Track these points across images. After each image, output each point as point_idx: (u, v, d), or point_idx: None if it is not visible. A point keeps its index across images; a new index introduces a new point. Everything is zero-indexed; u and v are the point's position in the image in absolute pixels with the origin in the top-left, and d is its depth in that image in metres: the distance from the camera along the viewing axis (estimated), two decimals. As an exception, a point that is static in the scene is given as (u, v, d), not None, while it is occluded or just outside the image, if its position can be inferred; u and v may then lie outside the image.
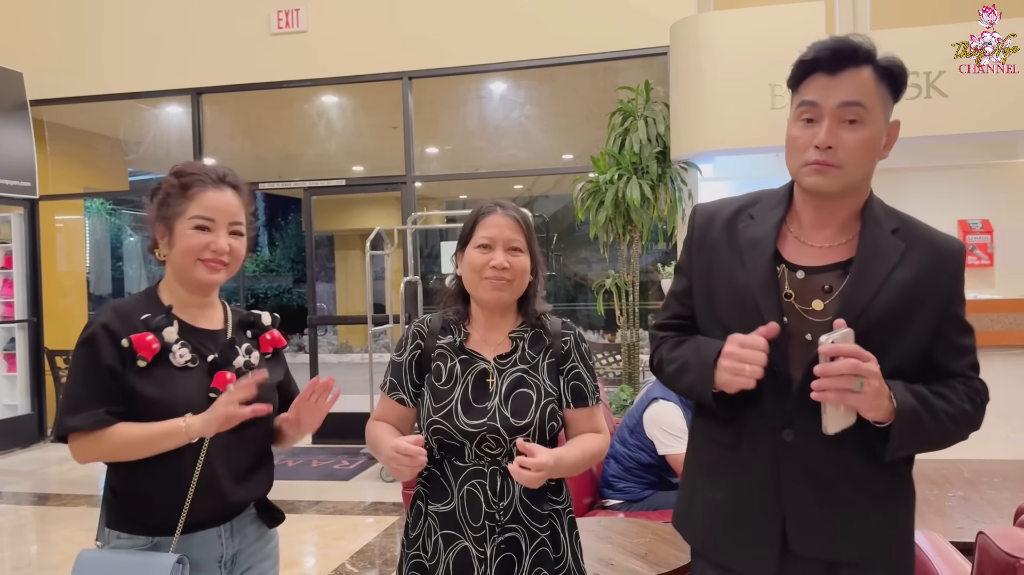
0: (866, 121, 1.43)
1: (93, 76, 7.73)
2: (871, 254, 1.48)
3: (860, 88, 1.42)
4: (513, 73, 7.63)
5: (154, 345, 1.67)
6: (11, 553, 4.76)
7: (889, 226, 1.51)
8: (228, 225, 1.75)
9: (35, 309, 7.91)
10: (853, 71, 1.42)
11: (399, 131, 7.36)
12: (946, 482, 3.30)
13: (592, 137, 7.15)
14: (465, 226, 1.85)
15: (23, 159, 7.61)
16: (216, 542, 1.74)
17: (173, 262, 1.75)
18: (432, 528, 1.76)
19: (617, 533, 2.58)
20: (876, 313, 1.45)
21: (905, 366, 1.48)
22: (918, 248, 1.50)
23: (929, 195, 5.96)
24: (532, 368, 1.79)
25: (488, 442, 1.72)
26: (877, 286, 1.46)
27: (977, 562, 1.90)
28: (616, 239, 6.24)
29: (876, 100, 1.43)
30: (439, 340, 1.83)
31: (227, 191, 1.77)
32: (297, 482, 6.05)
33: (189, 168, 1.78)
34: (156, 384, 1.66)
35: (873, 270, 1.47)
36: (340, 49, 7.22)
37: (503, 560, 1.71)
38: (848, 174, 1.44)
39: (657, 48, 6.43)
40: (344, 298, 16.57)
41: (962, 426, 1.50)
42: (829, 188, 1.46)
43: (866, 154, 1.45)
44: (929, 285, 1.48)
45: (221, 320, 1.84)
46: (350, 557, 4.37)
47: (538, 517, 1.74)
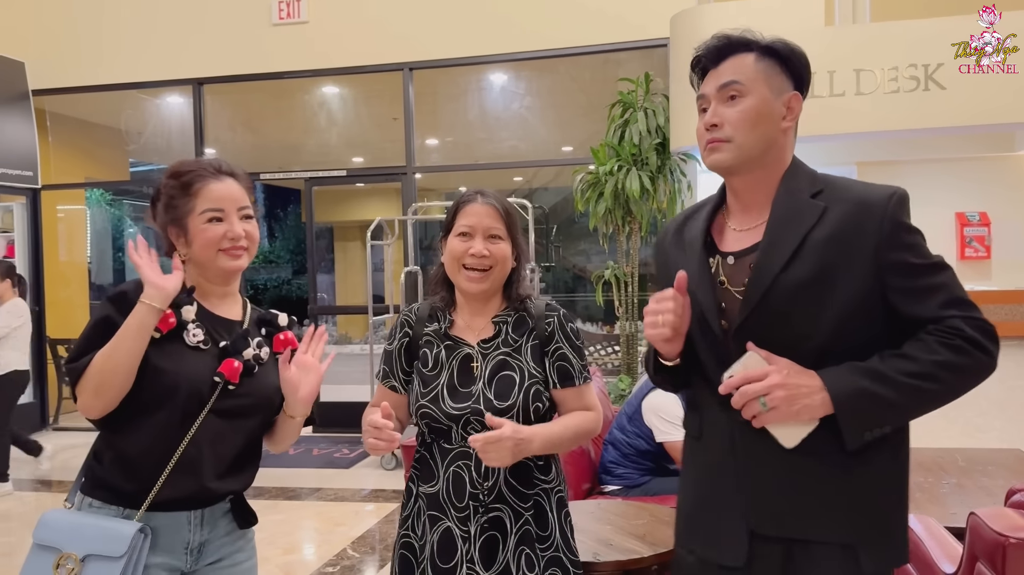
0: (745, 94, 1.50)
1: (95, 66, 7.75)
2: (781, 221, 1.49)
3: (737, 69, 1.51)
4: (513, 65, 7.65)
5: (170, 319, 1.70)
6: (17, 538, 4.80)
7: (810, 190, 1.50)
8: (237, 211, 1.78)
9: (37, 298, 7.93)
10: (732, 59, 1.52)
11: (399, 122, 7.38)
12: (941, 470, 3.34)
13: (592, 129, 7.17)
14: (448, 215, 1.88)
15: (25, 149, 7.63)
16: (184, 527, 1.73)
17: (195, 259, 1.77)
18: (421, 509, 1.81)
19: (616, 515, 2.61)
20: (793, 280, 1.44)
21: (851, 330, 1.43)
22: (839, 205, 1.47)
23: (927, 188, 6.00)
24: (515, 351, 1.82)
25: (473, 424, 1.75)
26: (790, 252, 1.45)
27: (968, 542, 1.94)
28: (615, 230, 6.28)
29: (756, 75, 1.50)
30: (426, 327, 1.87)
31: (227, 180, 1.79)
32: (298, 470, 6.10)
33: (184, 166, 1.79)
34: (166, 356, 1.69)
35: (783, 237, 1.47)
36: (341, 40, 7.24)
37: (487, 539, 1.74)
38: (740, 145, 1.50)
39: (657, 40, 6.45)
40: (343, 289, 16.60)
41: (948, 378, 1.39)
42: (725, 162, 1.51)
43: (750, 122, 1.49)
44: (852, 239, 1.44)
45: (240, 312, 1.87)
46: (351, 543, 4.42)
47: (523, 497, 1.77)
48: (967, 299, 1.43)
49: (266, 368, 1.81)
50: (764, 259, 1.47)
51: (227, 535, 1.81)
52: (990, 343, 1.40)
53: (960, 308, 1.41)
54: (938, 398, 1.41)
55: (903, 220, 1.46)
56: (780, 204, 1.51)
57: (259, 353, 1.80)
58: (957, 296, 1.43)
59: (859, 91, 5.09)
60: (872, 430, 1.41)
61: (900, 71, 5.12)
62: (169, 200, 1.77)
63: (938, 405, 1.43)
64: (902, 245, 1.44)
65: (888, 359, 1.41)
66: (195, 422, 1.70)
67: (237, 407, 1.74)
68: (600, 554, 2.22)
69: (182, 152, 7.95)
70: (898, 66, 5.12)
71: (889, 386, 1.38)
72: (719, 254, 1.57)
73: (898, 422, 1.45)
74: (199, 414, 1.70)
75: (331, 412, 7.39)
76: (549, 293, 12.17)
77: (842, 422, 1.39)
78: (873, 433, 1.41)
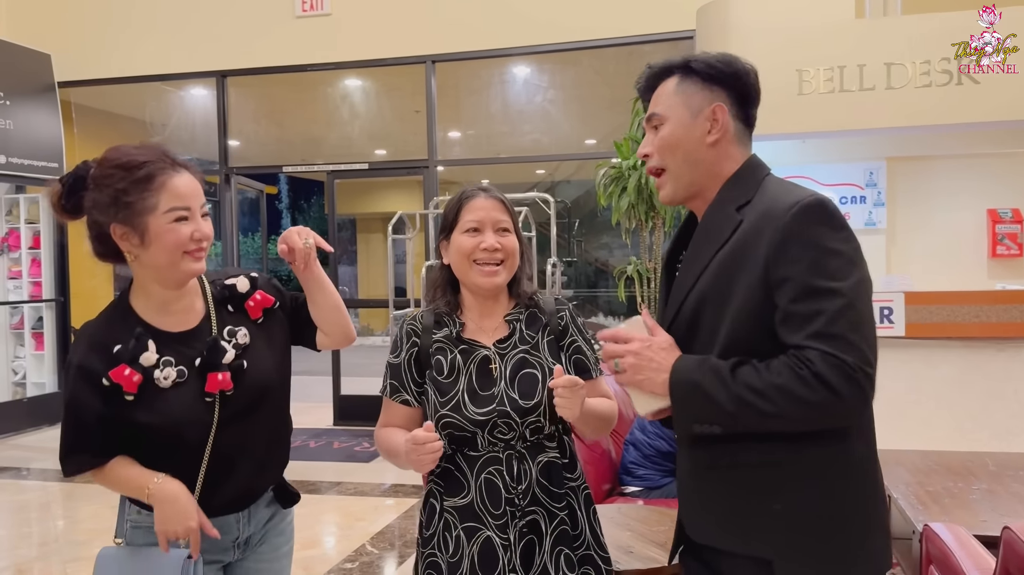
0: (663, 122, 1.55)
1: (120, 58, 7.79)
2: (701, 236, 1.51)
3: (658, 98, 1.57)
4: (536, 57, 7.59)
5: (134, 378, 1.60)
6: (39, 529, 4.85)
7: (739, 202, 1.46)
8: (200, 208, 1.65)
9: (62, 289, 8.02)
10: (658, 88, 1.58)
11: (422, 115, 7.35)
12: (970, 474, 3.26)
13: (615, 122, 7.10)
14: (448, 212, 1.81)
15: (51, 140, 7.69)
16: (233, 526, 1.75)
17: (152, 262, 1.62)
18: (451, 524, 1.73)
19: (637, 520, 2.57)
20: (698, 294, 1.46)
21: (748, 343, 1.39)
22: (750, 216, 1.42)
23: (958, 183, 5.88)
24: (533, 348, 1.78)
25: (500, 427, 1.71)
26: (701, 267, 1.47)
27: (1002, 557, 1.88)
28: (639, 225, 6.21)
29: (673, 99, 1.54)
30: (434, 335, 1.80)
31: (185, 174, 1.63)
32: (318, 463, 6.10)
33: (136, 155, 1.60)
34: (149, 411, 1.62)
35: (700, 252, 1.49)
36: (364, 33, 7.22)
37: (526, 543, 1.70)
38: (674, 174, 1.54)
39: (683, 32, 6.37)
40: (366, 281, 16.65)
41: (782, 403, 1.32)
42: (669, 196, 1.56)
43: (669, 148, 1.53)
44: (748, 251, 1.39)
45: (201, 308, 1.74)
46: (370, 538, 4.41)
47: (556, 496, 1.73)
48: (842, 336, 1.30)
49: (254, 350, 1.73)
50: (681, 276, 1.53)
51: (270, 519, 1.82)
52: (842, 383, 1.29)
53: (825, 342, 1.30)
54: (771, 419, 1.34)
55: (802, 233, 1.34)
56: (705, 219, 1.53)
57: (237, 341, 1.71)
58: (830, 331, 1.30)
59: (890, 85, 4.98)
60: (701, 425, 1.41)
61: (932, 65, 5.00)
62: (118, 195, 1.58)
63: (776, 426, 1.36)
64: (791, 259, 1.34)
65: (743, 366, 1.37)
66: (207, 444, 1.66)
67: (242, 408, 1.70)
68: (620, 562, 2.18)
69: (206, 144, 7.98)
70: (930, 60, 5.00)
71: (724, 390, 1.36)
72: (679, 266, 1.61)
73: (729, 427, 1.38)
74: (209, 436, 1.67)
75: (352, 405, 7.41)
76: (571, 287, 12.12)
77: (672, 409, 1.44)
78: (703, 428, 1.41)
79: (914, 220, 5.97)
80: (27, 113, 7.46)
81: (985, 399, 4.30)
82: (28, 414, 7.56)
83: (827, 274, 1.32)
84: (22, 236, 7.99)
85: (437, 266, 1.86)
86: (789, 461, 1.40)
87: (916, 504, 2.71)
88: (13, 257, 8.04)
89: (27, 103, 7.48)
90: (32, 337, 8.04)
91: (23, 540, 4.54)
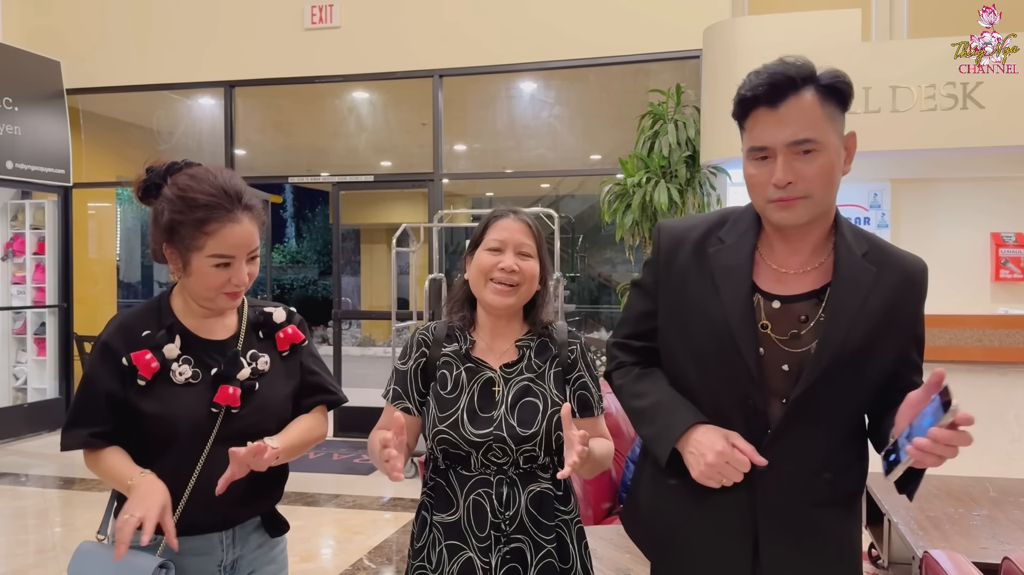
0: (820, 149, 1.38)
1: (128, 66, 7.83)
2: (846, 283, 1.44)
3: (805, 118, 1.37)
4: (543, 73, 7.63)
5: (152, 364, 1.64)
6: (36, 535, 4.84)
7: (860, 250, 1.47)
8: (247, 255, 1.67)
9: (66, 295, 8.03)
10: (794, 99, 1.38)
11: (428, 128, 7.38)
12: (971, 500, 3.25)
13: (620, 139, 7.12)
14: (476, 230, 1.82)
15: (58, 147, 7.72)
16: (217, 547, 1.73)
17: (190, 288, 1.69)
18: (437, 539, 1.74)
19: (635, 541, 2.56)
20: (853, 344, 1.43)
21: (872, 390, 1.49)
22: (888, 272, 1.47)
23: (962, 207, 5.89)
24: (538, 377, 1.77)
25: (494, 451, 1.70)
26: (853, 316, 1.43)
27: (1001, 586, 1.87)
28: (642, 242, 6.22)
29: (825, 124, 1.39)
30: (444, 348, 1.80)
31: (243, 220, 1.64)
32: (317, 475, 6.09)
33: (201, 193, 1.61)
34: (157, 401, 1.65)
35: (848, 300, 1.43)
36: (372, 45, 7.25)
37: (508, 571, 1.69)
38: (815, 203, 1.41)
39: (689, 51, 6.39)
40: (369, 292, 16.66)
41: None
42: (798, 220, 1.42)
43: (827, 180, 1.40)
44: (898, 311, 1.47)
45: (234, 325, 1.78)
46: (367, 552, 4.40)
47: (544, 528, 1.71)
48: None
49: (270, 379, 1.75)
50: (831, 325, 1.42)
51: (259, 547, 1.80)
52: None
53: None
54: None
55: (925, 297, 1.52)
56: (843, 266, 1.44)
57: (257, 366, 1.73)
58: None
59: (895, 108, 5.00)
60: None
61: (938, 88, 5.02)
62: (174, 224, 1.63)
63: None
64: (922, 320, 1.53)
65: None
66: (201, 458, 1.66)
67: (244, 429, 1.68)
68: (618, 582, 2.17)
69: (213, 154, 8.00)
70: (935, 83, 5.02)
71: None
72: (760, 292, 1.48)
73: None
74: (203, 448, 1.66)
75: (352, 417, 7.39)
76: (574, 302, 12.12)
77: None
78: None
79: (917, 242, 5.95)
80: (35, 119, 7.50)
81: (987, 424, 4.28)
82: (28, 420, 7.55)
83: None
84: (27, 241, 8.01)
85: (460, 280, 1.86)
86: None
87: (916, 529, 2.70)
88: (17, 262, 8.06)
89: (35, 109, 7.52)
90: (34, 342, 8.05)
91: (20, 547, 4.53)
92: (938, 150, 5.20)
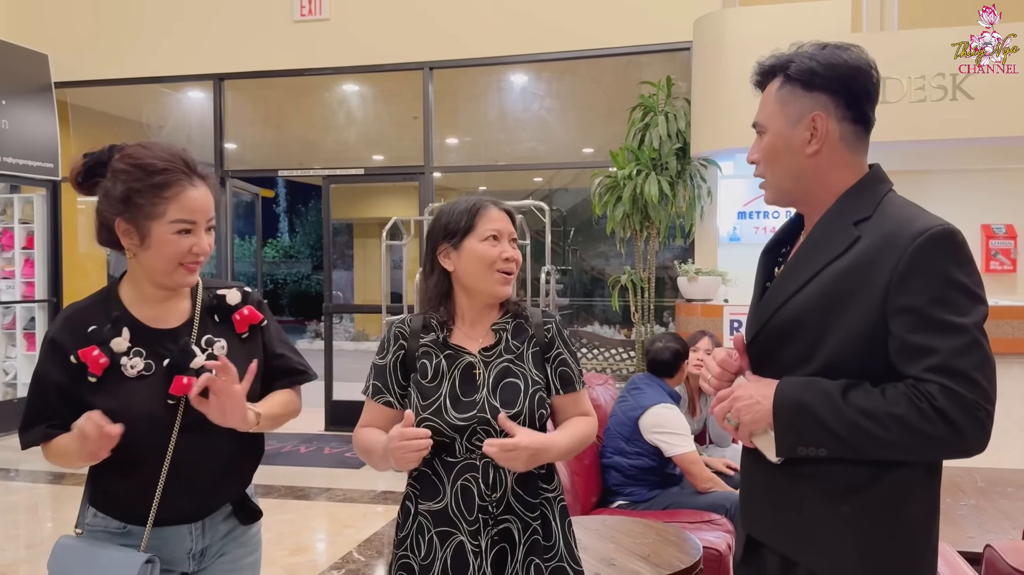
0: (765, 131, 1.52)
1: (117, 59, 7.78)
2: (810, 244, 1.47)
3: (763, 104, 1.53)
4: (534, 66, 7.61)
5: (101, 360, 1.61)
6: (26, 530, 4.82)
7: (856, 216, 1.43)
8: (206, 223, 1.65)
9: (55, 289, 7.99)
10: (767, 88, 1.53)
11: (419, 121, 7.36)
12: (959, 490, 3.26)
13: (612, 131, 7.11)
14: (456, 220, 1.80)
15: (47, 141, 7.68)
16: (186, 537, 1.71)
17: (147, 264, 1.64)
18: (424, 527, 1.75)
19: (621, 533, 2.56)
20: (802, 303, 1.43)
21: (849, 363, 1.38)
22: (872, 235, 1.38)
23: (952, 199, 5.89)
24: (517, 358, 1.80)
25: (479, 434, 1.72)
26: (809, 275, 1.43)
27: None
28: (633, 235, 6.21)
29: (774, 107, 1.50)
30: (422, 339, 1.82)
31: (201, 186, 1.63)
32: (309, 469, 6.08)
33: (157, 160, 1.60)
34: (110, 397, 1.61)
35: (808, 259, 1.45)
36: (362, 38, 7.22)
37: (498, 551, 1.72)
38: (773, 180, 1.52)
39: (680, 43, 6.38)
40: (362, 286, 16.63)
41: (899, 433, 1.31)
42: (769, 200, 1.55)
43: (769, 159, 1.51)
44: (866, 273, 1.36)
45: (187, 310, 1.74)
46: (358, 545, 4.39)
47: (530, 506, 1.75)
48: (966, 373, 1.29)
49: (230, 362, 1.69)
50: (782, 279, 1.49)
51: (229, 533, 1.79)
52: (964, 420, 1.28)
53: (948, 377, 1.29)
54: (885, 447, 1.33)
55: (928, 263, 1.32)
56: (818, 227, 1.48)
57: (212, 351, 1.70)
58: (953, 366, 1.29)
59: (885, 100, 5.00)
60: (807, 447, 1.38)
61: (927, 80, 5.02)
62: (130, 193, 1.59)
63: (888, 455, 1.35)
64: (914, 289, 1.32)
65: (855, 389, 1.35)
66: (168, 448, 1.64)
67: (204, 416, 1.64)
68: (602, 574, 2.17)
69: (202, 147, 7.97)
70: (925, 75, 5.02)
71: (834, 413, 1.34)
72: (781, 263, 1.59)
73: (837, 452, 1.37)
74: (169, 439, 1.64)
75: (344, 411, 7.38)
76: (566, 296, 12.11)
77: (776, 430, 1.40)
78: (808, 451, 1.38)
79: (908, 234, 5.98)
80: (23, 113, 7.45)
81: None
82: (18, 415, 7.45)
83: (951, 308, 1.31)
84: (16, 236, 7.97)
85: (438, 272, 1.83)
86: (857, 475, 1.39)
87: (903, 520, 2.69)
88: (6, 257, 8.02)
89: (23, 103, 7.47)
90: (24, 337, 8.01)
91: (10, 542, 4.51)
92: (928, 141, 5.21)
